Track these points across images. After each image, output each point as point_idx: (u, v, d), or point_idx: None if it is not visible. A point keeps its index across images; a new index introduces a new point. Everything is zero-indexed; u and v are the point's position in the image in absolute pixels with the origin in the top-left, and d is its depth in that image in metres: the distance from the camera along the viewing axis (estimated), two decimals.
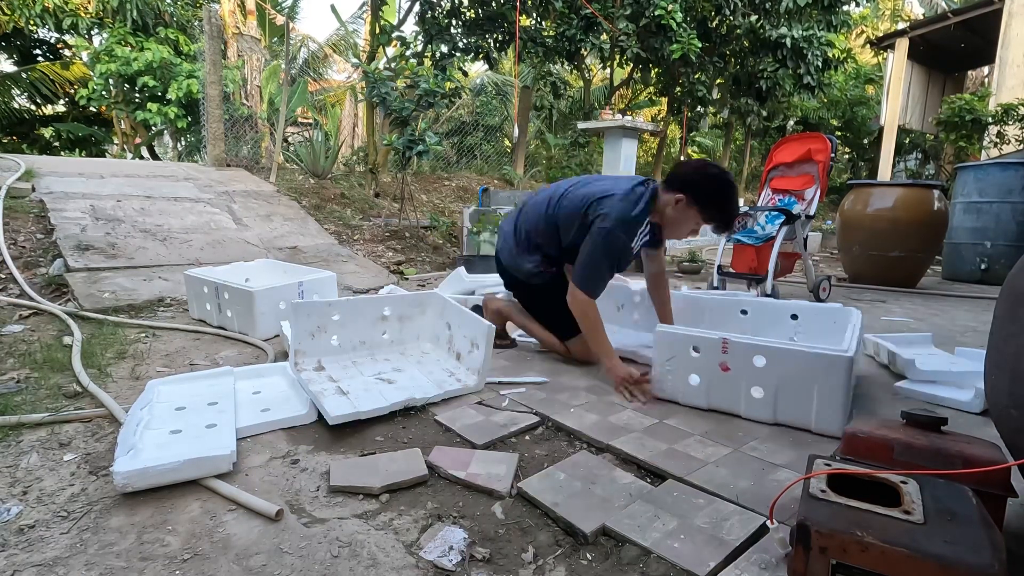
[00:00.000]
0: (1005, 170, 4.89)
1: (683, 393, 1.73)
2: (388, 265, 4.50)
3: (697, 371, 1.69)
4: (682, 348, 1.71)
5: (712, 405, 1.69)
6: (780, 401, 1.58)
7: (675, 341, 1.73)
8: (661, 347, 1.75)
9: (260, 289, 2.41)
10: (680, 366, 1.72)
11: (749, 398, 1.62)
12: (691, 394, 1.72)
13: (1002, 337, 1.06)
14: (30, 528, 1.09)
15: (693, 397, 1.72)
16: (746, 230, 3.84)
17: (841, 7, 7.51)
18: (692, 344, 1.70)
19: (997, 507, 1.00)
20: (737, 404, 1.65)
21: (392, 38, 6.30)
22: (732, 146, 13.42)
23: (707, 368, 1.67)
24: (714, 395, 1.68)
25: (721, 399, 1.67)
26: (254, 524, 1.12)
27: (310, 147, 6.78)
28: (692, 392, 1.72)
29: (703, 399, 1.70)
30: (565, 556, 1.06)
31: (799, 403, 1.55)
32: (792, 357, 1.56)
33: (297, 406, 1.63)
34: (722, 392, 1.67)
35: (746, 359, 1.62)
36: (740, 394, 1.64)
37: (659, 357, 1.76)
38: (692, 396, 1.72)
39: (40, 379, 1.85)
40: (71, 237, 3.46)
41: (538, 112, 9.38)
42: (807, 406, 1.54)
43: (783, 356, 1.57)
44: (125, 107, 9.36)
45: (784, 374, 1.57)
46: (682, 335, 1.73)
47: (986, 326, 1.48)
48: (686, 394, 1.73)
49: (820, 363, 1.52)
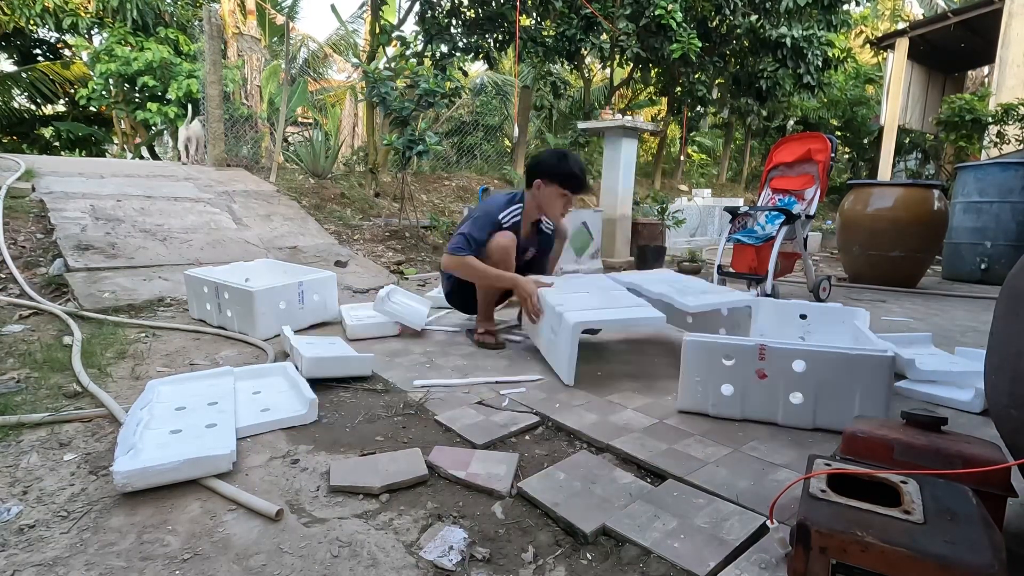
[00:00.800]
0: (1005, 170, 4.89)
1: (714, 404, 1.64)
2: (388, 265, 4.50)
3: (731, 380, 1.61)
4: (714, 357, 1.62)
5: (747, 415, 1.62)
6: (820, 406, 1.54)
7: (706, 350, 1.64)
8: (691, 357, 1.65)
9: (260, 289, 2.41)
10: (711, 376, 1.63)
11: (787, 405, 1.56)
12: (723, 405, 1.63)
13: (1002, 337, 1.06)
14: (30, 528, 1.09)
15: (726, 408, 1.63)
16: (746, 230, 3.85)
17: (841, 7, 7.52)
18: (725, 352, 1.61)
19: (997, 507, 1.00)
20: (775, 412, 1.58)
21: (392, 38, 6.30)
22: (732, 146, 13.43)
23: (741, 376, 1.60)
24: (749, 404, 1.61)
25: (757, 408, 1.60)
26: (254, 524, 1.12)
27: (310, 147, 6.78)
28: (725, 403, 1.62)
29: (737, 409, 1.62)
30: (565, 556, 1.06)
31: (840, 406, 1.51)
32: (834, 360, 1.51)
33: (297, 406, 1.63)
34: (758, 400, 1.59)
35: (785, 365, 1.55)
36: (778, 401, 1.57)
37: (689, 369, 1.66)
38: (724, 407, 1.63)
39: (40, 379, 1.85)
40: (71, 237, 3.46)
41: (538, 112, 9.39)
42: (849, 409, 1.50)
43: (824, 360, 1.52)
44: (125, 107, 9.36)
45: (824, 378, 1.52)
46: (714, 343, 1.64)
47: (986, 326, 1.48)
48: (717, 405, 1.63)
49: (863, 365, 1.48)
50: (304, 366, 1.84)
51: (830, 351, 1.53)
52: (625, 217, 5.33)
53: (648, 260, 5.11)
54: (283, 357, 2.15)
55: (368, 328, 2.51)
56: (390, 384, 1.91)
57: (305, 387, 1.70)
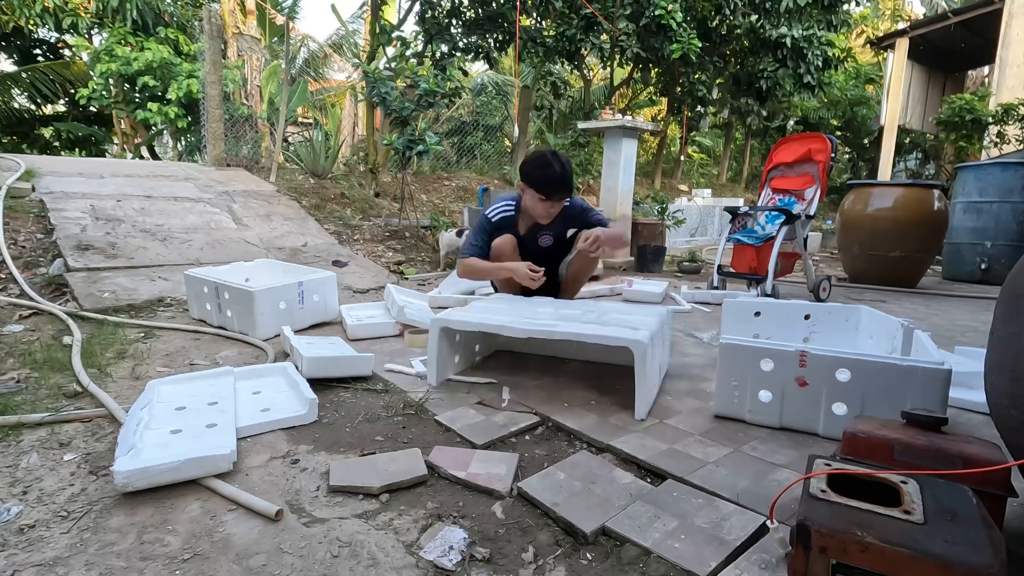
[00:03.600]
0: (1005, 170, 4.89)
1: (751, 411, 1.59)
2: (388, 265, 4.50)
3: (769, 386, 1.55)
4: (751, 361, 1.57)
5: (785, 424, 1.56)
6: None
7: (743, 353, 1.58)
8: (727, 360, 1.60)
9: (260, 289, 2.41)
10: (748, 381, 1.58)
11: (830, 415, 1.50)
12: (761, 412, 1.57)
13: (1002, 337, 1.06)
14: (30, 528, 1.09)
15: (763, 415, 1.57)
16: (746, 230, 3.85)
17: (841, 7, 7.51)
18: (763, 357, 1.55)
19: (997, 507, 1.00)
20: (815, 422, 1.52)
21: (392, 38, 6.29)
22: (732, 146, 13.43)
23: (780, 383, 1.53)
24: (788, 413, 1.54)
25: (796, 417, 1.54)
26: (254, 524, 1.12)
27: (310, 147, 6.78)
28: (762, 410, 1.57)
29: (775, 417, 1.56)
30: (565, 556, 1.06)
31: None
32: (882, 371, 1.43)
33: (297, 406, 1.63)
34: (798, 409, 1.53)
35: (827, 373, 1.48)
36: (820, 411, 1.50)
37: (724, 372, 1.61)
38: (762, 414, 1.58)
39: (40, 379, 1.85)
40: (71, 237, 3.46)
41: (538, 112, 9.39)
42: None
43: (871, 369, 1.44)
44: (125, 107, 9.36)
45: (871, 389, 1.44)
46: (751, 347, 1.57)
47: (986, 326, 1.48)
48: (754, 412, 1.59)
49: (915, 377, 1.40)
50: (304, 366, 1.84)
51: (878, 360, 1.45)
52: (625, 217, 5.33)
53: (648, 260, 5.11)
54: (283, 357, 2.15)
55: (368, 328, 2.51)
56: (390, 384, 1.91)
57: (305, 387, 1.70)
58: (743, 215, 3.89)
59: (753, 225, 3.87)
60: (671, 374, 2.07)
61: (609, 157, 5.27)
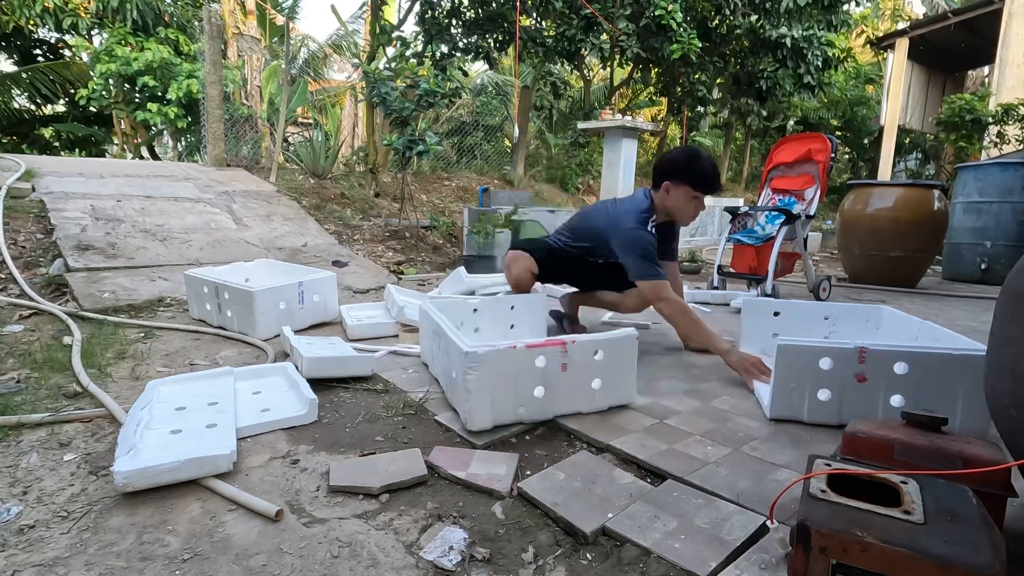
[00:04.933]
0: (1005, 170, 4.89)
1: (809, 411, 1.61)
2: (388, 265, 4.50)
3: (828, 385, 1.58)
4: (810, 361, 1.59)
5: (844, 420, 1.57)
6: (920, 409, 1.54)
7: (802, 354, 1.59)
8: (785, 361, 1.61)
9: (260, 289, 2.41)
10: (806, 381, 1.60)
11: (887, 407, 1.56)
12: (820, 411, 1.60)
13: (1002, 338, 1.06)
14: (30, 528, 1.09)
15: (822, 414, 1.60)
16: (746, 230, 3.85)
17: (841, 7, 7.51)
18: (822, 356, 1.58)
19: (997, 507, 1.00)
20: (874, 415, 1.55)
21: (392, 38, 6.29)
22: (732, 146, 13.42)
23: (840, 381, 1.57)
24: (846, 409, 1.58)
25: (854, 413, 1.56)
26: (254, 524, 1.12)
27: (310, 147, 6.78)
28: (821, 409, 1.60)
29: (835, 415, 1.59)
30: (565, 556, 1.06)
31: (941, 406, 1.49)
32: (936, 361, 1.50)
33: (297, 406, 1.63)
34: (856, 404, 1.57)
35: (885, 368, 1.54)
36: (878, 404, 1.56)
37: (782, 375, 1.62)
38: (821, 413, 1.60)
39: (40, 379, 1.85)
40: (71, 237, 3.46)
41: (538, 112, 9.38)
42: (950, 409, 1.49)
43: (926, 361, 1.51)
44: (125, 107, 9.36)
45: (924, 379, 1.51)
46: (810, 347, 1.60)
47: (986, 326, 1.48)
48: (813, 411, 1.61)
49: (967, 364, 1.48)
50: (304, 366, 1.84)
51: (931, 352, 1.52)
52: None
53: None
54: (283, 357, 2.15)
55: (368, 328, 2.51)
56: (390, 384, 1.91)
57: (305, 387, 1.71)
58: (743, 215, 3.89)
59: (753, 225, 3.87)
60: (672, 375, 2.07)
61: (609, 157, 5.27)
